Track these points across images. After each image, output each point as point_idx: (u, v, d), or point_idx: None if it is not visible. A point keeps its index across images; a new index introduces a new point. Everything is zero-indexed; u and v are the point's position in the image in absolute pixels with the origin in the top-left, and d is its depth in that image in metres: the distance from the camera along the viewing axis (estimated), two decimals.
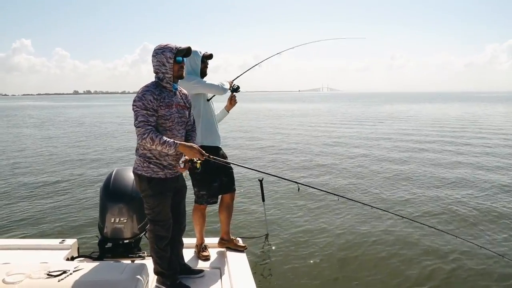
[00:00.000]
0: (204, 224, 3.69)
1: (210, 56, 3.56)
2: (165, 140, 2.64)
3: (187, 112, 2.95)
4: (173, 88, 2.82)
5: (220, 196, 3.72)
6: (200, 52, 3.48)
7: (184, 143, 2.75)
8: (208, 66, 3.59)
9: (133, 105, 2.69)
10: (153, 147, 2.65)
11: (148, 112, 2.66)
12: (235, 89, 3.84)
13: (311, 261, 4.61)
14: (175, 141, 2.68)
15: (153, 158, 2.78)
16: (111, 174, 3.47)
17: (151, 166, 2.79)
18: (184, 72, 2.85)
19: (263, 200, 5.46)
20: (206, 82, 3.49)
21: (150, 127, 2.65)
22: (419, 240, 5.18)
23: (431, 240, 5.13)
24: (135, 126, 2.67)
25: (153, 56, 2.77)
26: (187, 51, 2.81)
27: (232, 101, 3.91)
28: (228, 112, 3.97)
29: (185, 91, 3.02)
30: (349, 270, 4.44)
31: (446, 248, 4.90)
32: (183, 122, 2.91)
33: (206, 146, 3.33)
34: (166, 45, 2.76)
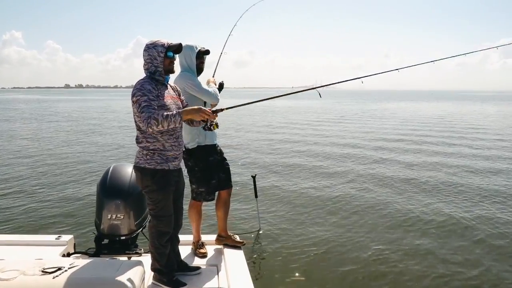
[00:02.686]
0: (201, 220, 3.67)
1: (206, 52, 3.45)
2: (167, 115, 2.58)
3: (180, 103, 2.98)
4: (165, 81, 2.87)
5: (217, 193, 3.69)
6: (196, 48, 3.38)
7: (187, 108, 2.70)
8: (204, 62, 3.49)
9: (133, 96, 2.68)
10: (160, 126, 2.58)
11: (150, 96, 2.66)
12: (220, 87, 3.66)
13: (304, 256, 4.62)
14: (178, 111, 2.63)
15: (157, 150, 2.79)
16: (108, 170, 3.45)
17: (155, 157, 2.78)
18: (173, 67, 2.88)
19: (256, 197, 5.45)
20: (203, 88, 3.36)
21: (153, 110, 2.61)
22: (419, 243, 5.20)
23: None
24: (139, 112, 2.62)
25: (144, 50, 2.81)
26: (178, 48, 2.84)
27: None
28: None
29: (173, 84, 3.07)
30: (342, 263, 4.44)
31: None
32: None
33: (208, 145, 3.49)
34: (157, 40, 2.81)
